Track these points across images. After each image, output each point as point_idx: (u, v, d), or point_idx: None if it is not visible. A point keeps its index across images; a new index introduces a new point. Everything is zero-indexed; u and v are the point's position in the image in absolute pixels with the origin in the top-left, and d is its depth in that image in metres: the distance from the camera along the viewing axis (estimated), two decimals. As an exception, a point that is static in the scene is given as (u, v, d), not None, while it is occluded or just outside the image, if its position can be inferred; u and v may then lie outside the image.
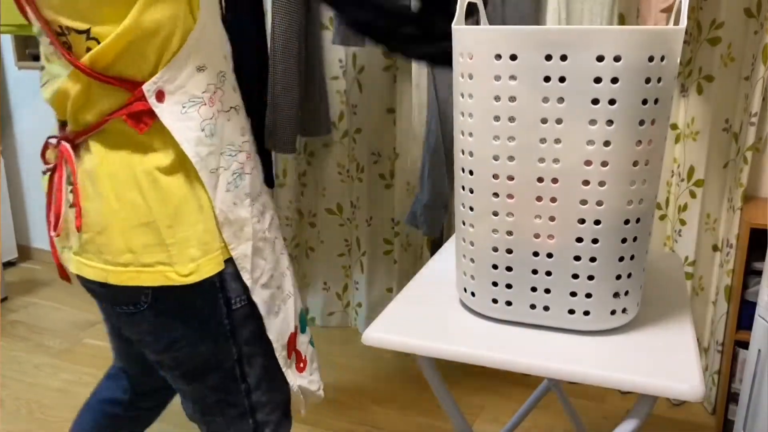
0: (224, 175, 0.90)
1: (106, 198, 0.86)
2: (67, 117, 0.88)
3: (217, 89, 0.89)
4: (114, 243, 0.86)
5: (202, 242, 0.88)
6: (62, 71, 0.86)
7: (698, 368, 0.85)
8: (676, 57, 0.84)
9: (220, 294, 0.92)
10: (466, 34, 0.88)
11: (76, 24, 0.80)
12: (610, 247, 0.89)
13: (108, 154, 0.86)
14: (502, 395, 2.04)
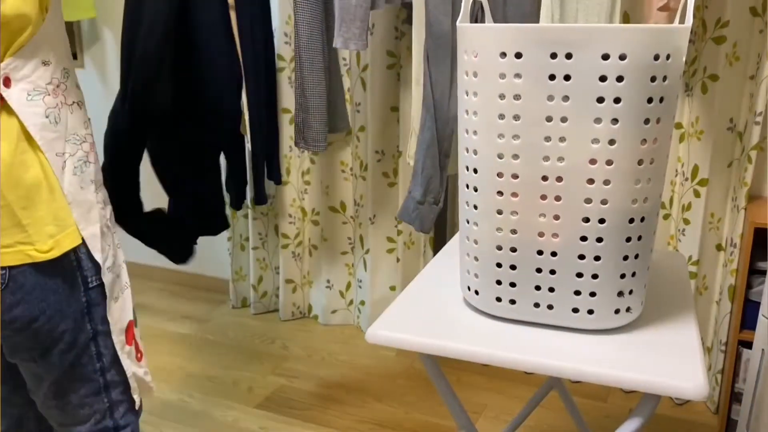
0: (70, 160, 0.95)
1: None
2: None
3: (61, 83, 0.93)
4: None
5: (58, 219, 0.92)
6: None
7: (702, 367, 0.85)
8: (682, 55, 0.84)
9: (77, 272, 0.97)
10: (471, 32, 0.88)
11: None
12: (615, 246, 0.89)
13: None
14: (505, 394, 2.04)
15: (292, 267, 2.46)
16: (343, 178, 2.33)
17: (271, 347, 2.33)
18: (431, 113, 1.80)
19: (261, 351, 2.30)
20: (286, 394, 2.04)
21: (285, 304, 2.51)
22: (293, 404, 1.99)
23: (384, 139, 2.23)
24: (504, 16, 1.72)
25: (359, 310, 2.43)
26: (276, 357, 2.26)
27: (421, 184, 1.85)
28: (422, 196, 1.86)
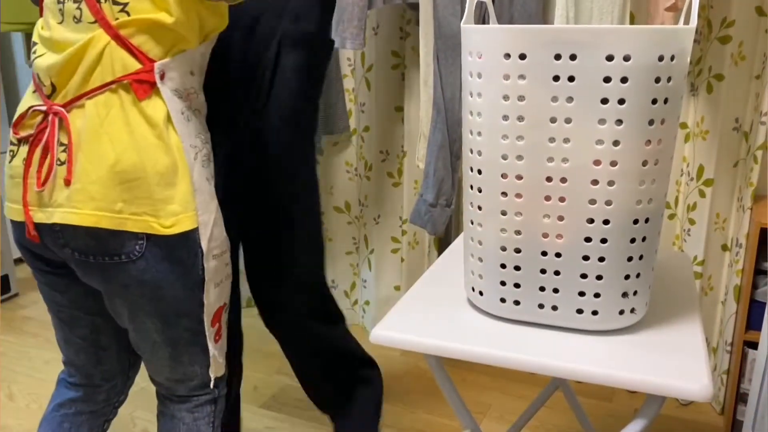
0: (200, 153, 1.06)
1: (104, 153, 0.98)
2: (69, 80, 1.00)
3: (195, 92, 1.09)
4: (109, 193, 0.98)
5: (183, 201, 1.02)
6: (78, 36, 1.00)
7: (707, 368, 0.85)
8: (687, 56, 0.84)
9: (199, 247, 1.05)
10: (475, 34, 0.88)
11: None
12: (619, 247, 0.89)
13: (108, 115, 0.99)
14: (510, 394, 2.04)
15: (297, 267, 2.46)
16: (348, 178, 2.33)
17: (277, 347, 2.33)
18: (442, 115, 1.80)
19: (266, 350, 2.30)
20: (292, 394, 2.04)
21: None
22: (299, 404, 1.99)
23: (388, 139, 2.23)
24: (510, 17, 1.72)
25: (364, 310, 2.43)
26: (281, 357, 2.26)
27: (433, 186, 1.85)
28: (434, 198, 1.86)
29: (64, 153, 0.99)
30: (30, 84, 1.09)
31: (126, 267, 1.01)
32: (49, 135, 1.00)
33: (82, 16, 1.00)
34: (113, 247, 1.00)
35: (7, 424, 1.89)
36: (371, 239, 2.33)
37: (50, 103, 1.01)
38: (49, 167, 0.99)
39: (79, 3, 1.00)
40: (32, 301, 2.70)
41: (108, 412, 1.30)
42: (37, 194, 1.01)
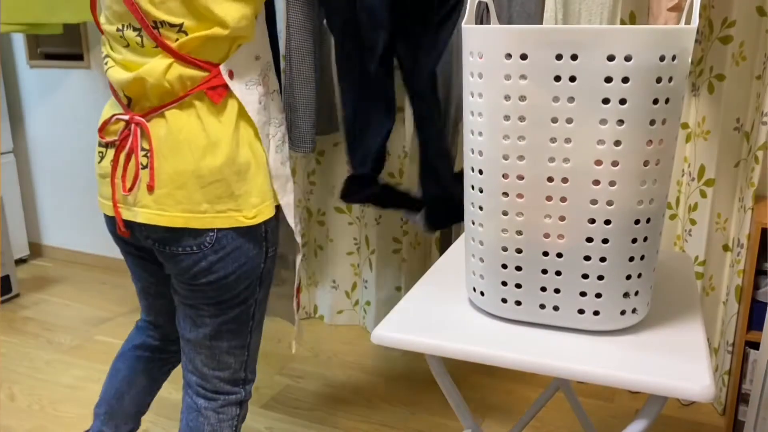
0: (273, 140, 1.15)
1: (185, 159, 1.07)
2: (143, 94, 1.09)
3: (266, 74, 1.14)
4: (194, 196, 1.08)
5: (261, 192, 1.12)
6: (144, 59, 1.08)
7: (709, 369, 0.84)
8: (688, 56, 0.84)
9: (264, 242, 1.15)
10: (476, 34, 0.88)
11: (171, 18, 1.04)
12: (621, 247, 0.89)
13: (185, 125, 1.07)
14: (511, 394, 2.04)
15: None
16: (349, 179, 2.33)
17: (278, 347, 2.34)
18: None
19: (267, 351, 2.30)
20: (292, 395, 2.04)
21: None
22: (299, 404, 1.99)
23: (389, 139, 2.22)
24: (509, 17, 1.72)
25: (365, 310, 2.43)
26: (282, 357, 2.27)
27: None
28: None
29: (145, 158, 1.09)
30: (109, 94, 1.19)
31: (198, 257, 1.11)
32: (132, 142, 1.09)
33: (143, 42, 1.08)
34: (189, 241, 1.11)
35: (8, 424, 1.89)
36: (372, 240, 2.33)
37: (131, 114, 1.10)
38: (135, 172, 1.09)
39: (139, 31, 1.07)
40: (33, 302, 2.70)
41: (175, 360, 1.45)
42: (123, 195, 1.12)
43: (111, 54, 1.13)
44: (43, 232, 3.19)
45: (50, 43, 2.89)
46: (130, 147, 1.10)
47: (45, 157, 3.06)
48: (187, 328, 1.22)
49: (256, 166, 1.11)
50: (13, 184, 2.99)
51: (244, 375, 1.26)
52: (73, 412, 1.95)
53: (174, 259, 1.13)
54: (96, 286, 2.86)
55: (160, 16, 1.04)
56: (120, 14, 1.08)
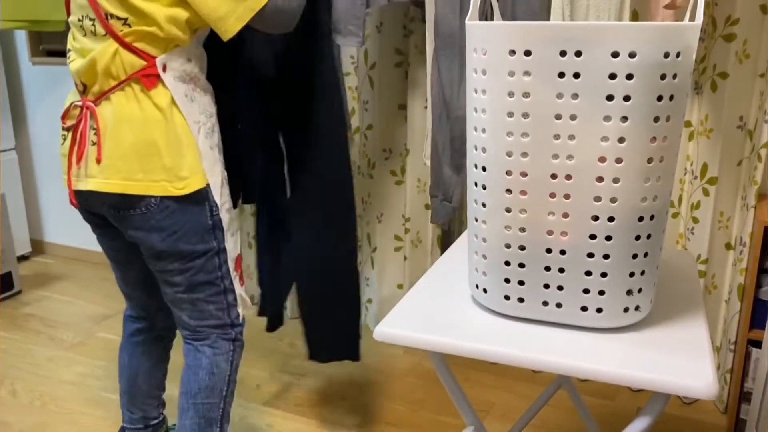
0: (203, 127, 1.32)
1: (125, 136, 1.26)
2: (94, 80, 1.28)
3: (196, 76, 1.33)
4: (131, 166, 1.27)
5: (190, 167, 1.29)
6: (96, 45, 1.27)
7: (712, 366, 0.84)
8: (692, 53, 0.84)
9: (206, 202, 1.33)
10: (480, 30, 0.87)
11: (119, 13, 1.25)
12: (624, 244, 0.89)
13: (125, 106, 1.27)
14: (513, 392, 2.04)
15: (300, 265, 2.46)
16: (351, 177, 2.33)
17: (279, 345, 2.34)
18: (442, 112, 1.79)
19: (268, 348, 2.30)
20: (294, 392, 2.05)
21: (293, 301, 2.52)
22: (301, 402, 1.99)
23: (391, 137, 2.23)
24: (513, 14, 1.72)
25: (366, 308, 2.43)
26: (283, 354, 2.27)
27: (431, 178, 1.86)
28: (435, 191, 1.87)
29: (95, 136, 1.28)
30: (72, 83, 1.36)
31: (147, 216, 1.30)
32: (83, 123, 1.29)
33: (96, 31, 1.27)
34: (135, 203, 1.29)
35: (10, 420, 1.89)
36: (374, 237, 2.33)
37: (84, 99, 1.30)
38: (80, 148, 1.29)
39: (94, 20, 1.27)
40: (35, 299, 2.70)
41: (170, 335, 1.62)
42: (77, 169, 1.30)
43: (72, 44, 1.32)
44: (45, 229, 3.19)
45: (52, 40, 2.89)
46: (82, 128, 1.29)
47: (47, 154, 3.06)
48: (165, 290, 1.40)
49: (186, 145, 1.29)
50: (15, 181, 2.99)
51: (230, 320, 1.44)
52: (75, 408, 1.95)
53: (126, 220, 1.31)
54: (98, 283, 2.86)
55: (110, 9, 1.25)
56: (82, 6, 1.28)
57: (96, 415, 1.92)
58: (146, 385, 1.60)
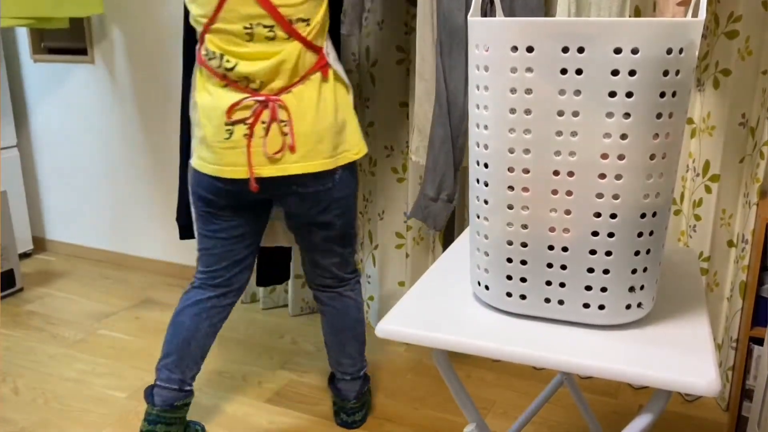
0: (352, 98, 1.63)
1: (316, 121, 1.51)
2: (275, 77, 1.48)
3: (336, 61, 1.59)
4: (327, 146, 1.54)
5: (357, 138, 1.61)
6: (275, 48, 1.47)
7: (714, 363, 0.84)
8: (695, 49, 0.84)
9: (357, 170, 1.64)
10: (482, 26, 0.87)
11: (303, 15, 1.47)
12: (626, 241, 0.88)
13: (311, 95, 1.50)
14: (514, 389, 2.04)
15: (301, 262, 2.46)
16: (352, 174, 2.32)
17: (281, 342, 2.34)
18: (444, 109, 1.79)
19: (270, 346, 2.31)
20: (296, 389, 2.05)
21: (294, 299, 2.52)
22: (303, 399, 1.99)
23: (393, 134, 2.22)
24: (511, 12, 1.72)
25: (368, 305, 2.43)
26: (285, 352, 2.27)
27: (432, 180, 1.85)
28: (435, 193, 1.86)
29: (286, 126, 1.49)
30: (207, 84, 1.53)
31: (331, 189, 1.58)
32: (272, 116, 1.48)
33: (276, 35, 1.46)
34: (327, 177, 1.56)
35: (12, 418, 1.89)
36: (375, 235, 2.33)
37: (266, 95, 1.49)
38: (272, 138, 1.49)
39: (272, 27, 1.45)
40: (37, 296, 2.71)
41: (227, 311, 1.75)
42: (266, 158, 1.50)
43: (231, 49, 1.47)
44: (46, 226, 3.19)
45: (54, 38, 2.89)
46: (267, 120, 1.48)
47: (49, 152, 3.07)
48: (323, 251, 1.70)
49: (351, 118, 1.59)
50: (16, 179, 2.99)
51: (354, 264, 1.80)
52: (77, 405, 1.96)
53: (311, 197, 1.57)
54: (100, 281, 2.86)
55: (296, 15, 1.45)
56: (251, 15, 1.44)
57: (98, 412, 1.92)
58: (198, 349, 1.70)
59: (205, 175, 1.57)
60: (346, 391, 1.83)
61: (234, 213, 1.62)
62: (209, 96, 1.52)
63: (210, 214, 1.63)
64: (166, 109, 2.71)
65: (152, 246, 2.94)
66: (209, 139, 1.52)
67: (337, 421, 1.86)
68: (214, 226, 1.64)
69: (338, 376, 1.85)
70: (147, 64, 2.69)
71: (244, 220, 1.65)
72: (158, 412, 1.66)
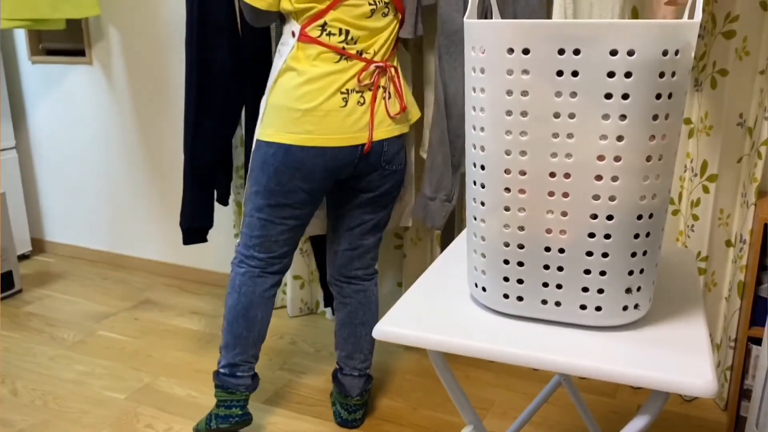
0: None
1: (407, 91, 1.73)
2: (384, 47, 1.64)
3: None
4: (411, 114, 1.75)
5: (411, 103, 1.76)
6: (382, 23, 1.62)
7: (711, 364, 0.84)
8: (691, 51, 0.84)
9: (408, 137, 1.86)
10: (478, 28, 0.87)
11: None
12: (623, 243, 0.89)
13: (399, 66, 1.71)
14: (512, 390, 2.04)
15: (300, 263, 2.46)
16: (351, 175, 2.32)
17: (280, 343, 2.34)
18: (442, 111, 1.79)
19: (269, 346, 2.31)
20: (294, 390, 2.05)
21: (293, 300, 2.52)
22: (301, 400, 2.00)
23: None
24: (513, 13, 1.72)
25: (367, 306, 2.43)
26: (284, 353, 2.27)
27: (430, 180, 1.85)
28: (433, 192, 1.86)
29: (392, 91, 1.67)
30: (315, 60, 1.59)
31: (401, 171, 1.74)
32: (391, 79, 1.66)
33: (389, 12, 1.62)
34: (402, 155, 1.72)
35: (11, 419, 1.89)
36: (374, 235, 2.33)
37: (383, 62, 1.64)
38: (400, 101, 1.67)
39: (387, 3, 1.61)
40: (36, 298, 2.71)
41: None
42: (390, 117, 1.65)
43: (355, 23, 1.57)
44: (45, 227, 3.19)
45: (52, 39, 2.89)
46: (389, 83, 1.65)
47: (47, 153, 3.06)
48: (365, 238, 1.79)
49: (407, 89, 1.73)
50: (15, 180, 2.99)
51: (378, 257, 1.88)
52: (76, 407, 1.96)
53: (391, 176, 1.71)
54: (98, 282, 2.86)
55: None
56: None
57: (97, 414, 1.92)
58: (265, 332, 1.78)
59: (303, 150, 1.59)
60: (351, 388, 1.84)
61: (309, 199, 1.66)
62: (318, 69, 1.58)
63: (284, 201, 1.65)
64: (164, 109, 2.71)
65: (151, 247, 2.94)
66: (322, 109, 1.58)
67: (337, 420, 1.86)
68: (285, 212, 1.67)
69: (346, 371, 1.85)
70: (145, 65, 2.69)
71: (310, 209, 1.70)
72: (247, 396, 1.76)
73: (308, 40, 1.57)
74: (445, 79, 1.78)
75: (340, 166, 1.62)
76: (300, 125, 1.58)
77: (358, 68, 1.59)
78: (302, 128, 1.58)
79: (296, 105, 1.58)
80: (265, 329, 1.77)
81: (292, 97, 1.59)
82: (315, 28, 1.57)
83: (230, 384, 1.74)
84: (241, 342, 1.73)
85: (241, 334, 1.73)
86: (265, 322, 1.76)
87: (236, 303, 1.73)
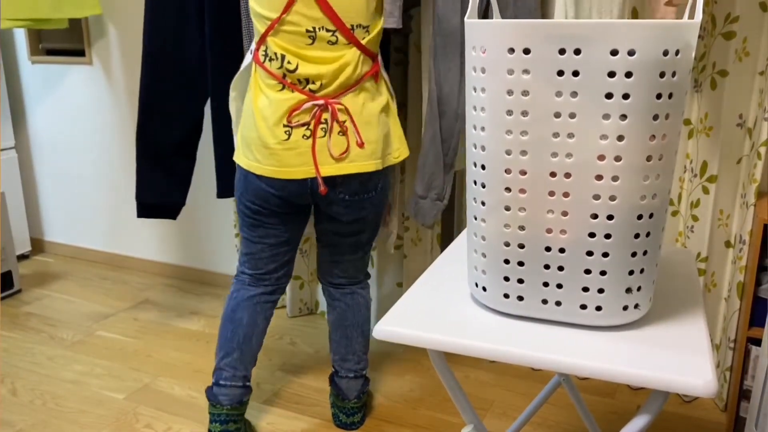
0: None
1: (373, 125, 1.57)
2: (334, 81, 1.51)
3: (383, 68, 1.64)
4: (380, 149, 1.58)
5: (398, 143, 1.66)
6: (335, 53, 1.50)
7: (711, 364, 0.84)
8: (691, 51, 0.84)
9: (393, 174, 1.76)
10: (479, 28, 0.87)
11: (363, 22, 1.52)
12: (623, 243, 0.89)
13: (366, 100, 1.56)
14: (512, 390, 2.04)
15: (300, 264, 2.46)
16: (351, 175, 2.32)
17: (279, 343, 2.34)
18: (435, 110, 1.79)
19: (269, 347, 2.31)
20: (294, 390, 2.05)
21: (292, 300, 2.52)
22: (301, 400, 1.99)
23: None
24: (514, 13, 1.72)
25: (366, 306, 2.43)
26: (283, 353, 2.27)
27: (421, 179, 1.86)
28: (425, 191, 1.86)
29: (345, 127, 1.53)
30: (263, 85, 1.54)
31: (379, 192, 1.64)
32: (333, 117, 1.52)
33: (337, 40, 1.50)
34: (377, 178, 1.61)
35: (10, 419, 1.89)
36: (374, 236, 2.33)
37: (325, 98, 1.52)
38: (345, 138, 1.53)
39: (334, 32, 1.49)
40: (35, 298, 2.71)
41: (279, 298, 1.80)
42: (331, 159, 1.52)
43: (291, 50, 1.49)
44: (44, 227, 3.19)
45: (52, 39, 2.89)
46: (331, 121, 1.52)
47: (47, 153, 3.06)
48: (347, 253, 1.75)
49: (395, 120, 1.65)
50: (14, 180, 2.99)
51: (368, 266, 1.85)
52: (75, 407, 1.95)
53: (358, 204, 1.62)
54: (98, 282, 2.86)
55: (356, 21, 1.49)
56: (317, 18, 1.47)
57: (96, 414, 1.92)
58: (257, 344, 1.75)
59: (259, 178, 1.57)
60: (348, 390, 1.84)
61: (280, 220, 1.64)
62: (265, 97, 1.53)
63: (257, 221, 1.65)
64: (164, 110, 2.71)
65: (150, 247, 2.94)
66: (266, 141, 1.52)
67: (336, 423, 1.86)
68: (260, 231, 1.66)
69: (341, 374, 1.85)
70: (145, 66, 2.69)
71: (288, 227, 1.67)
72: (228, 411, 1.70)
73: (257, 62, 1.55)
74: (439, 78, 1.78)
75: (292, 196, 1.58)
76: (251, 153, 1.56)
77: (296, 101, 1.51)
78: (253, 156, 1.56)
79: (246, 132, 1.57)
80: (252, 336, 1.73)
81: (245, 123, 1.58)
82: (261, 52, 1.54)
83: (211, 395, 1.72)
84: (225, 344, 1.72)
85: (225, 336, 1.72)
86: (251, 327, 1.72)
87: (225, 308, 1.75)
